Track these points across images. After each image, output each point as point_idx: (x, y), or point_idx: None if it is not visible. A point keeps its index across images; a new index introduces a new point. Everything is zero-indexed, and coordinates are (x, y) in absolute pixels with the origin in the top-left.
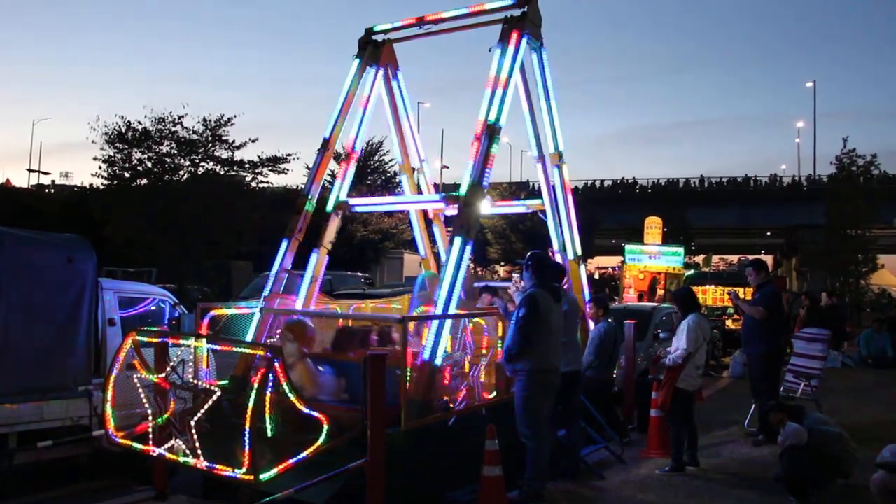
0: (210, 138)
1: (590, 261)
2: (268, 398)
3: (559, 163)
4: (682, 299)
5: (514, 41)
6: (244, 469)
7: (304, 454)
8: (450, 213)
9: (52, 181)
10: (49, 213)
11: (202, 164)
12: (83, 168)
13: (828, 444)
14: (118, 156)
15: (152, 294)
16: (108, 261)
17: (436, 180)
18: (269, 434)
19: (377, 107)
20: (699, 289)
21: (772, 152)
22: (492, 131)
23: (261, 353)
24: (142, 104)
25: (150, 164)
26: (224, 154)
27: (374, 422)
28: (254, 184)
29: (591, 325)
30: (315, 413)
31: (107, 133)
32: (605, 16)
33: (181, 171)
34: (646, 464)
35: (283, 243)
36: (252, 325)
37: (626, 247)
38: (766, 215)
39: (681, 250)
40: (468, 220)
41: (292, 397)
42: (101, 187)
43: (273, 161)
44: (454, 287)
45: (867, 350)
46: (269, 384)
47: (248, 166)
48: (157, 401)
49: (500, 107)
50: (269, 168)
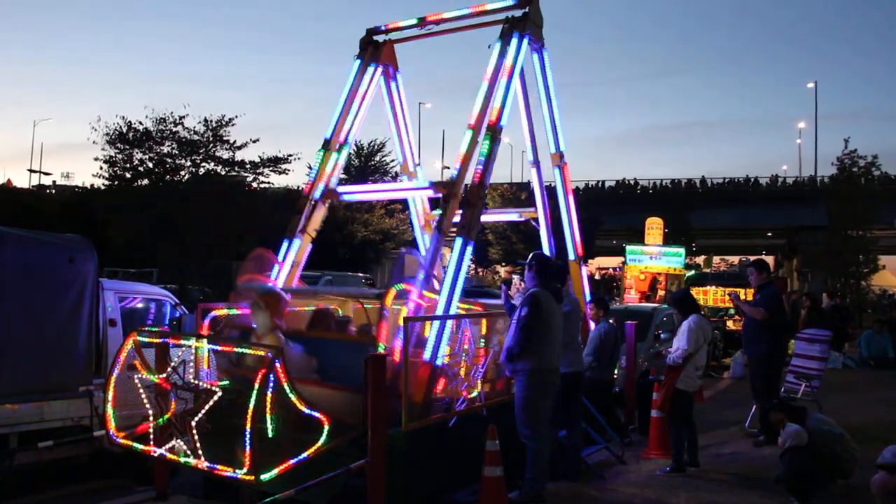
0: (211, 139)
1: (591, 261)
2: (268, 398)
3: (560, 163)
4: (680, 301)
5: (514, 42)
6: (245, 469)
7: (304, 454)
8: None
9: (53, 182)
10: (50, 214)
11: (203, 164)
12: (84, 168)
13: (829, 445)
14: (119, 156)
15: (153, 294)
16: (109, 261)
17: (437, 180)
18: (269, 434)
19: (379, 107)
20: (700, 289)
21: (773, 153)
22: (493, 131)
23: (261, 354)
24: (143, 104)
25: (151, 165)
26: (225, 154)
27: (374, 422)
28: (255, 184)
29: (591, 326)
30: (316, 413)
31: (108, 133)
32: (605, 17)
33: (182, 172)
34: (646, 464)
35: (284, 244)
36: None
37: (627, 247)
38: (767, 216)
39: (682, 251)
40: (469, 221)
41: (293, 398)
42: (102, 188)
43: (274, 161)
44: (455, 287)
45: (868, 351)
46: (270, 384)
47: (248, 167)
48: (158, 401)
49: (501, 107)
50: (270, 168)
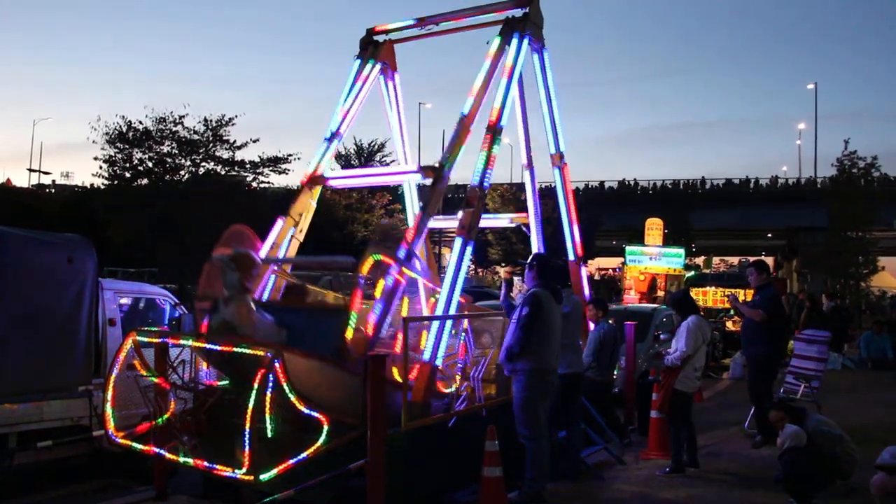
0: (211, 138)
1: (590, 262)
2: (268, 398)
3: (560, 163)
4: (679, 302)
5: (514, 42)
6: (244, 469)
7: (304, 454)
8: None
9: (53, 181)
10: (49, 214)
11: (203, 164)
12: (84, 168)
13: (828, 446)
14: (119, 156)
15: (153, 294)
16: (108, 261)
17: None
18: (269, 434)
19: (378, 107)
20: (699, 290)
21: (773, 154)
22: (493, 132)
23: (261, 354)
24: (142, 104)
25: (150, 164)
26: (225, 154)
27: (374, 422)
28: (255, 184)
29: (591, 327)
30: (315, 413)
31: (107, 133)
32: (605, 17)
33: (182, 172)
34: (646, 465)
35: (279, 222)
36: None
37: (627, 248)
38: (767, 217)
39: (681, 252)
40: (468, 221)
41: (293, 398)
42: (101, 187)
43: (274, 161)
44: (455, 288)
45: (867, 352)
46: (270, 385)
47: (248, 166)
48: (158, 401)
49: (501, 107)
50: (270, 168)
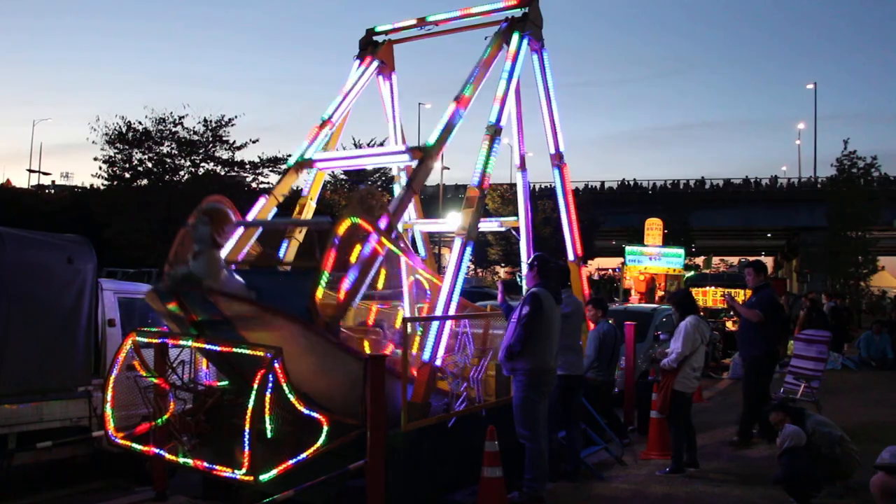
0: (210, 139)
1: (590, 262)
2: (267, 399)
3: (560, 164)
4: (679, 301)
5: (514, 42)
6: (244, 470)
7: (303, 455)
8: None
9: (53, 182)
10: (49, 214)
11: (203, 164)
12: (83, 168)
13: (828, 447)
14: (118, 156)
15: None
16: (108, 261)
17: (437, 181)
18: (268, 435)
19: (378, 108)
20: (699, 290)
21: (773, 154)
22: (493, 132)
23: (261, 354)
24: (142, 105)
25: (150, 165)
26: (224, 155)
27: (373, 422)
28: (254, 184)
29: (590, 327)
30: (315, 414)
31: (107, 133)
32: (607, 18)
33: (181, 172)
34: (646, 465)
35: (261, 200)
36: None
37: (627, 248)
38: (767, 217)
39: (681, 252)
40: (468, 222)
41: (292, 398)
42: (101, 188)
43: (273, 162)
44: (454, 288)
45: (867, 352)
46: (269, 385)
47: (248, 167)
48: (157, 401)
49: (500, 107)
50: (270, 169)
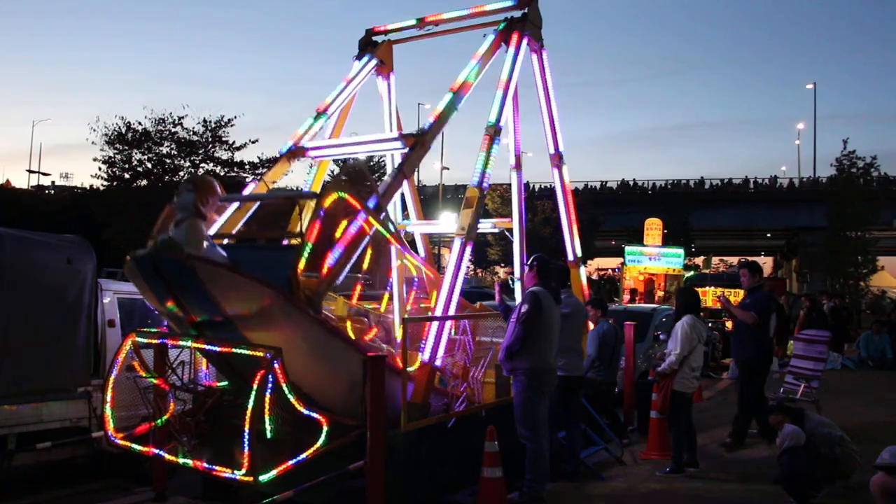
0: (210, 139)
1: (590, 262)
2: (267, 399)
3: (559, 164)
4: (683, 294)
5: (514, 42)
6: (243, 470)
7: (303, 455)
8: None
9: (52, 182)
10: (49, 214)
11: (202, 165)
12: (83, 169)
13: (828, 447)
14: (118, 157)
15: None
16: (108, 262)
17: (437, 181)
18: (268, 435)
19: (378, 109)
20: (699, 290)
21: (772, 154)
22: (492, 132)
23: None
24: (142, 105)
25: (150, 165)
26: (224, 155)
27: (373, 422)
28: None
29: (590, 327)
30: (315, 414)
31: (107, 134)
32: (607, 18)
33: (181, 172)
34: (645, 465)
35: (251, 185)
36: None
37: (627, 248)
38: (767, 217)
39: (681, 252)
40: (468, 222)
41: (292, 399)
42: (101, 188)
43: (273, 162)
44: (454, 288)
45: (867, 352)
46: (269, 385)
47: (248, 167)
48: (157, 402)
49: (500, 108)
50: (269, 169)
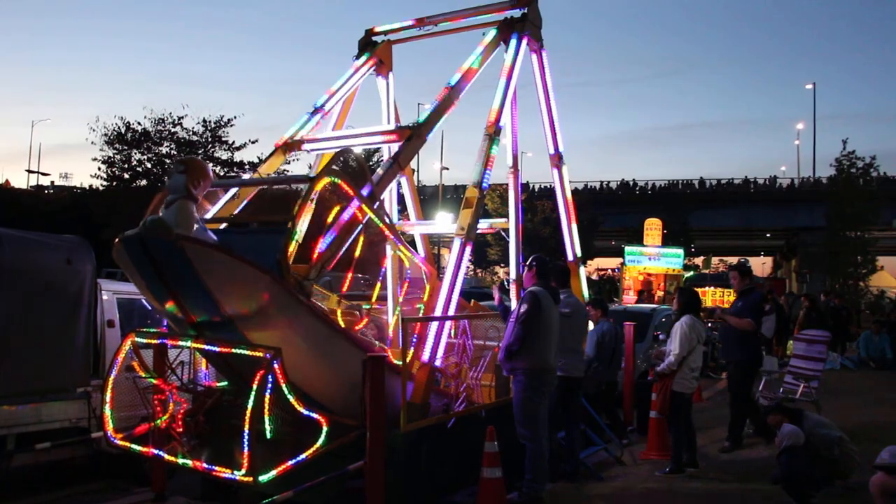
0: (210, 139)
1: (589, 262)
2: (267, 400)
3: (559, 164)
4: (685, 297)
5: (513, 43)
6: (243, 471)
7: (303, 455)
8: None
9: (52, 182)
10: (48, 215)
11: None
12: (82, 169)
13: (827, 447)
14: (118, 157)
15: None
16: (107, 262)
17: (436, 181)
18: (267, 436)
19: (377, 110)
20: (699, 290)
21: (772, 154)
22: (492, 133)
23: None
24: (141, 105)
25: (149, 165)
26: (224, 155)
27: (372, 423)
28: None
29: (590, 326)
30: (314, 415)
31: (106, 134)
32: (607, 18)
33: None
34: (645, 465)
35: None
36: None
37: (626, 248)
38: (766, 217)
39: (680, 252)
40: (466, 222)
41: (291, 399)
42: (100, 188)
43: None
44: (454, 288)
45: (866, 352)
46: (269, 386)
47: (247, 167)
48: (156, 402)
49: (500, 108)
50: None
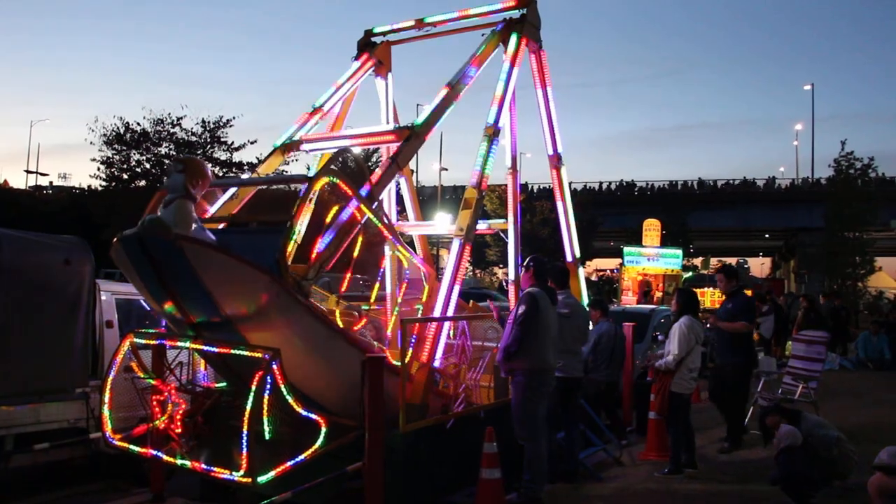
0: (209, 140)
1: (588, 263)
2: (266, 401)
3: (558, 165)
4: (683, 298)
5: (512, 43)
6: (242, 472)
7: (302, 456)
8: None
9: (50, 182)
10: (47, 215)
11: None
12: (81, 169)
13: (825, 448)
14: (116, 157)
15: None
16: (106, 263)
17: (435, 182)
18: (266, 437)
19: (376, 111)
20: (698, 291)
21: (771, 155)
22: (491, 132)
23: (258, 356)
24: (140, 105)
25: (148, 166)
26: (223, 156)
27: (371, 423)
28: None
29: (590, 327)
30: (313, 416)
31: (105, 134)
32: (606, 18)
33: None
34: (644, 466)
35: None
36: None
37: (625, 249)
38: (765, 218)
39: (679, 252)
40: (465, 222)
41: (290, 400)
42: (99, 189)
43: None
44: (453, 289)
45: (864, 352)
46: (267, 386)
47: (246, 168)
48: (155, 403)
49: (499, 109)
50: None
